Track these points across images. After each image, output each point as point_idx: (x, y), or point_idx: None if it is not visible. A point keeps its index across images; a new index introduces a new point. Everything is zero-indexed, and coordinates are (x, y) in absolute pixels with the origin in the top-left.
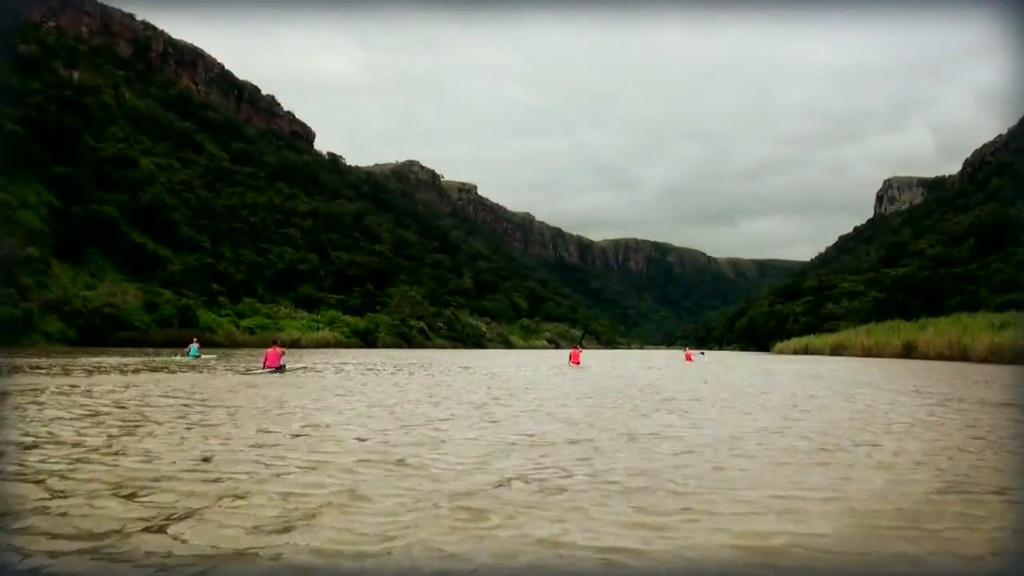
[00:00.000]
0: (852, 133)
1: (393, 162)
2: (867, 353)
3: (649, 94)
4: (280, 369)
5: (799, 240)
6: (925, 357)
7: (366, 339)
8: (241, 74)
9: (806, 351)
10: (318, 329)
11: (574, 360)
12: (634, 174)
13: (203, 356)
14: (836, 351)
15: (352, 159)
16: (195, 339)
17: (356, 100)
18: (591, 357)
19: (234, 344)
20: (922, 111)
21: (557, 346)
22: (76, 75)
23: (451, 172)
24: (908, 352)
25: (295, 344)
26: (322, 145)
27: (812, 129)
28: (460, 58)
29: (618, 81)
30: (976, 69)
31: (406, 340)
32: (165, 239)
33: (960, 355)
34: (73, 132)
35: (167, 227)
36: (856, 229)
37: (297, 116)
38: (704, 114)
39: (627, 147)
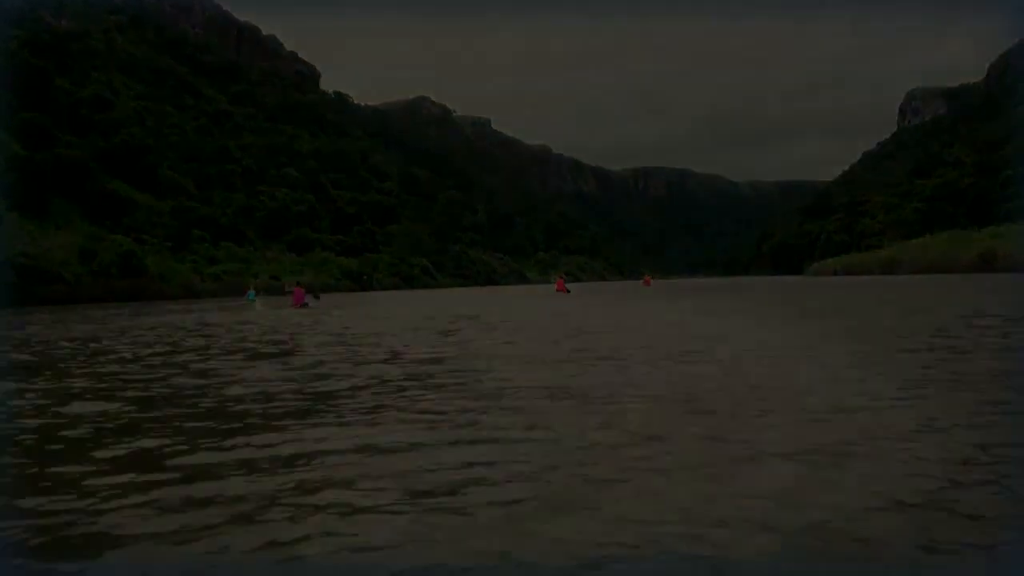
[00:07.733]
0: (894, 47)
1: (403, 98)
2: (930, 269)
3: (693, 16)
4: (305, 305)
5: (825, 161)
6: (1010, 269)
7: (359, 282)
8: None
9: (849, 272)
10: (300, 273)
11: (559, 288)
12: (671, 99)
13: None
14: (888, 269)
15: (367, 99)
16: (248, 286)
17: (384, 38)
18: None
19: (191, 295)
20: (963, 21)
21: (576, 279)
22: (64, 23)
23: (469, 108)
24: (986, 265)
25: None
26: (339, 86)
27: (854, 47)
28: None
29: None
30: None
31: (407, 281)
32: (144, 184)
33: None
34: (44, 75)
35: (146, 171)
36: (879, 144)
37: (301, 56)
38: (747, 36)
39: (666, 73)
